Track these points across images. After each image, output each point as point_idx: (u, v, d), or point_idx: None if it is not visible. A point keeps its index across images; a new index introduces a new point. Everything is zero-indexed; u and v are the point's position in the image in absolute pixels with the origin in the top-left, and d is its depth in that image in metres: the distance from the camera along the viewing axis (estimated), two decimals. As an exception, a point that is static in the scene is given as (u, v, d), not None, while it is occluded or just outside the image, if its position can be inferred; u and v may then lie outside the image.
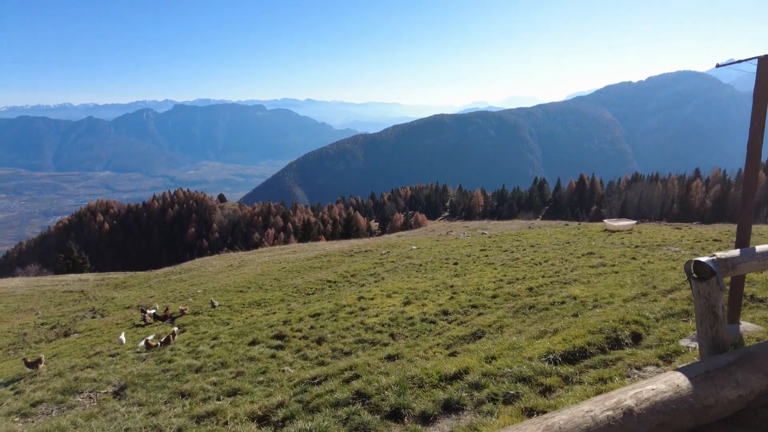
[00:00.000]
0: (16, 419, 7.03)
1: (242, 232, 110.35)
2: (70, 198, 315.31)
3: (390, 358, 6.60)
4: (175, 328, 13.14)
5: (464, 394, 4.40)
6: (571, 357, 4.89)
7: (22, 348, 15.90)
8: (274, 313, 13.71)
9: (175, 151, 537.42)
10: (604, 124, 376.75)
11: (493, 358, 5.04)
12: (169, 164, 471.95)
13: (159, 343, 11.49)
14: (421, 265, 18.88)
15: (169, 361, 9.43)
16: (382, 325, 10.09)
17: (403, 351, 7.06)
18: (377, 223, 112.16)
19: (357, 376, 5.39)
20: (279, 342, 9.89)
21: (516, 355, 4.99)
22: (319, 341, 9.81)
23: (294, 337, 10.12)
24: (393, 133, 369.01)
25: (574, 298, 9.01)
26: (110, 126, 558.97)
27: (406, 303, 11.86)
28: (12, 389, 9.49)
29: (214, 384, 7.41)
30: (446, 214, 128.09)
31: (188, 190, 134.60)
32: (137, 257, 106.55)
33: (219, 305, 16.03)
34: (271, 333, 10.51)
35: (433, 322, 9.97)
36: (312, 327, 10.68)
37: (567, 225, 34.71)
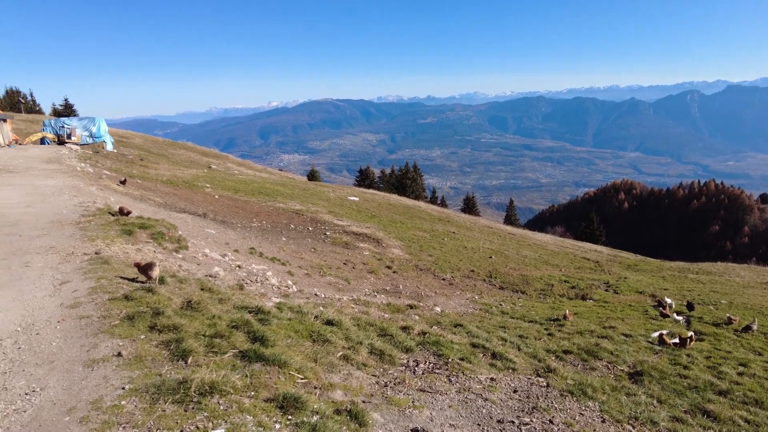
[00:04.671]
0: (553, 357, 8.47)
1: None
2: (599, 173, 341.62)
3: None
4: (692, 333, 12.19)
5: None
6: None
7: (548, 295, 19.01)
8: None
9: (715, 138, 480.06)
10: None
11: None
12: (705, 152, 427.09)
13: (673, 343, 11.03)
14: None
15: (685, 367, 8.88)
16: None
17: None
18: None
19: None
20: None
21: None
22: None
23: None
24: None
25: None
26: (650, 108, 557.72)
27: None
28: (545, 329, 11.51)
29: (746, 421, 6.42)
30: None
31: (721, 183, 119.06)
32: (648, 242, 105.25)
33: (756, 330, 13.58)
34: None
35: None
36: None
37: None
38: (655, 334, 11.74)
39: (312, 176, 58.84)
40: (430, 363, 6.38)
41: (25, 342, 5.07)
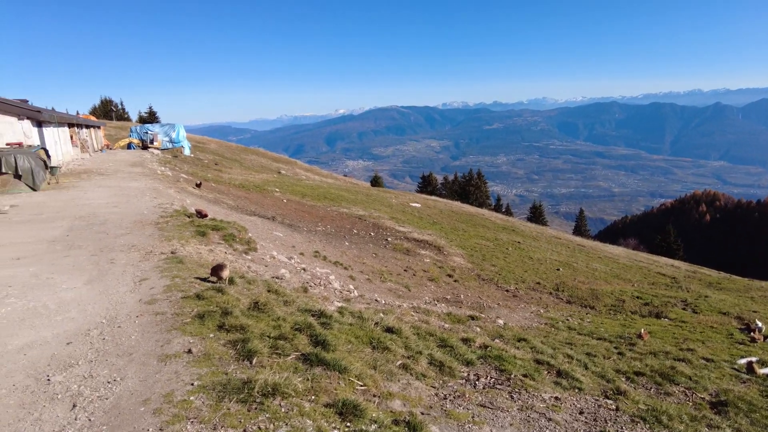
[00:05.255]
0: (623, 378, 7.98)
1: None
2: (677, 183, 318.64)
3: None
4: (784, 363, 11.05)
5: None
6: None
7: (619, 312, 17.98)
8: None
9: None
10: None
11: None
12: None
13: (764, 372, 10.04)
14: None
15: (779, 400, 8.05)
16: None
17: None
18: None
19: None
20: None
21: None
22: None
23: None
24: None
25: None
26: (738, 113, 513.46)
27: None
28: (615, 348, 10.88)
29: None
30: None
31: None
32: (732, 258, 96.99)
33: None
34: None
35: None
36: None
37: None
38: (743, 361, 10.74)
39: (375, 182, 59.51)
40: (491, 378, 6.20)
41: (109, 334, 5.47)
